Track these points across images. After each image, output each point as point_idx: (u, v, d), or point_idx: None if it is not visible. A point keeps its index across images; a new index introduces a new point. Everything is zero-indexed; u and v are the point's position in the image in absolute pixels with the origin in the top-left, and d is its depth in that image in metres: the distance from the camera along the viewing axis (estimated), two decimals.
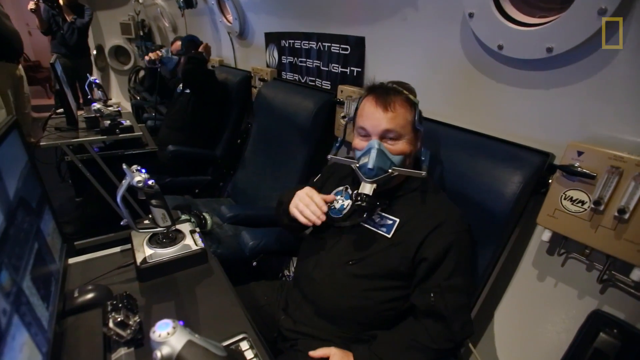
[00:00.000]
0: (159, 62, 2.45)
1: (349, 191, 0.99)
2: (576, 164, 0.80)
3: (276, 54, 1.99)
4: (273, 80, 2.02)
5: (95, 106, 1.95)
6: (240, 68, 2.54)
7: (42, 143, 1.73)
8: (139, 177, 0.80)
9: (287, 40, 1.84)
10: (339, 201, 0.82)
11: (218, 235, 1.46)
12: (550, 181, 0.86)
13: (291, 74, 1.92)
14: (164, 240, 0.90)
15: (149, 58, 2.44)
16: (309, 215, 0.87)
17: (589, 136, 0.83)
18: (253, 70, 2.16)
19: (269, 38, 2.02)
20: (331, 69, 1.61)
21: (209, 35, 2.88)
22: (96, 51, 4.63)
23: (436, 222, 0.85)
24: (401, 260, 0.86)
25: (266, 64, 2.13)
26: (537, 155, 0.89)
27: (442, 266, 0.83)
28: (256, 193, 1.76)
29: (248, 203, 1.78)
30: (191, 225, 0.99)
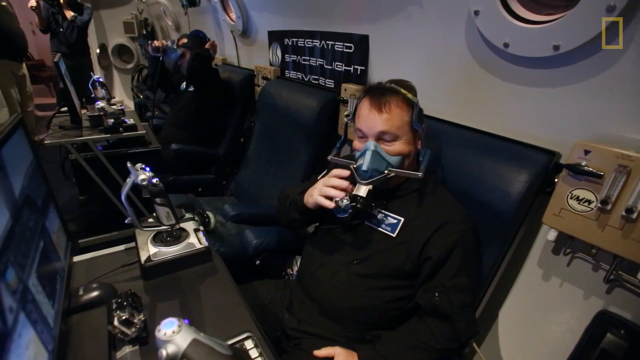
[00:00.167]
0: (162, 51, 2.46)
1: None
2: (583, 163, 0.79)
3: (279, 53, 1.98)
4: (276, 78, 2.01)
5: (99, 105, 1.95)
6: (243, 66, 2.54)
7: (47, 141, 1.73)
8: (144, 176, 0.80)
9: (291, 38, 1.84)
10: (344, 200, 0.82)
11: (221, 233, 1.46)
12: (556, 180, 0.86)
13: (294, 73, 1.91)
14: (168, 238, 0.90)
15: (154, 45, 2.46)
16: (336, 193, 0.84)
17: (596, 135, 0.82)
18: (256, 68, 2.15)
19: (272, 36, 2.01)
20: (335, 68, 1.61)
21: (212, 33, 2.88)
22: (99, 50, 4.65)
23: (441, 221, 0.84)
24: (406, 259, 0.86)
25: (269, 63, 2.12)
26: (543, 154, 0.88)
27: (447, 265, 0.82)
28: (259, 191, 1.76)
29: (251, 201, 1.78)
30: (195, 223, 0.99)
